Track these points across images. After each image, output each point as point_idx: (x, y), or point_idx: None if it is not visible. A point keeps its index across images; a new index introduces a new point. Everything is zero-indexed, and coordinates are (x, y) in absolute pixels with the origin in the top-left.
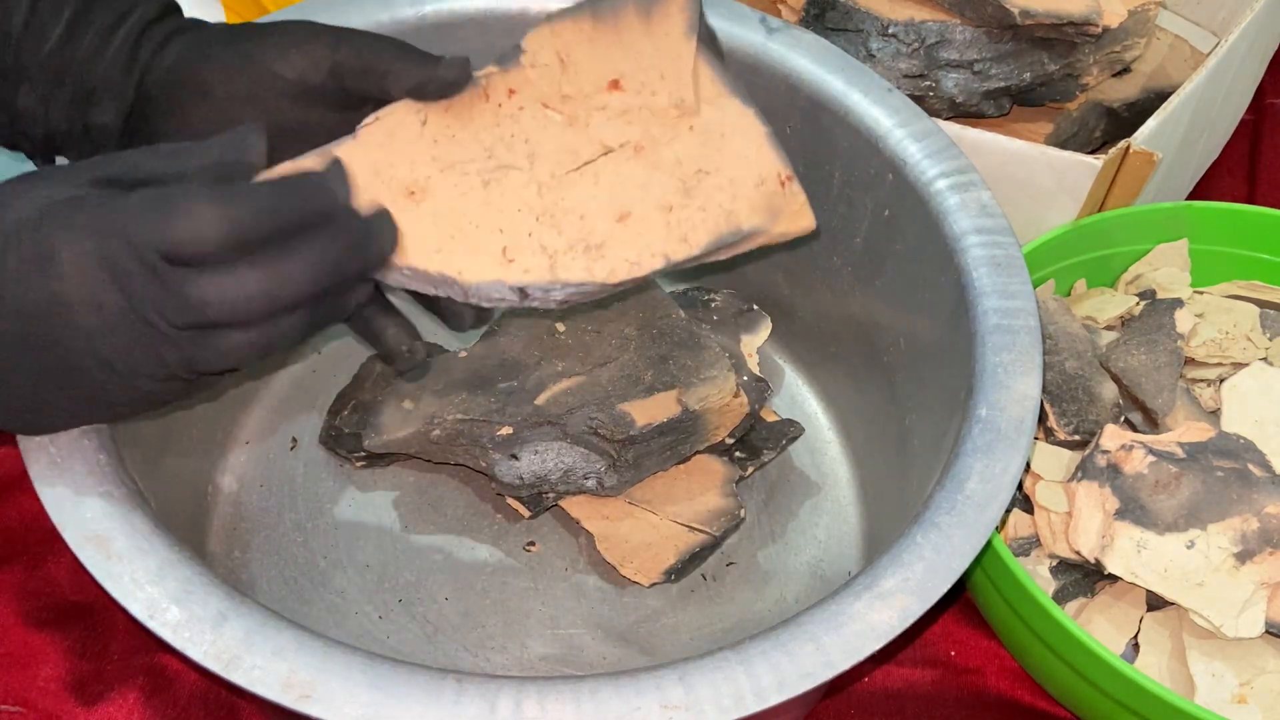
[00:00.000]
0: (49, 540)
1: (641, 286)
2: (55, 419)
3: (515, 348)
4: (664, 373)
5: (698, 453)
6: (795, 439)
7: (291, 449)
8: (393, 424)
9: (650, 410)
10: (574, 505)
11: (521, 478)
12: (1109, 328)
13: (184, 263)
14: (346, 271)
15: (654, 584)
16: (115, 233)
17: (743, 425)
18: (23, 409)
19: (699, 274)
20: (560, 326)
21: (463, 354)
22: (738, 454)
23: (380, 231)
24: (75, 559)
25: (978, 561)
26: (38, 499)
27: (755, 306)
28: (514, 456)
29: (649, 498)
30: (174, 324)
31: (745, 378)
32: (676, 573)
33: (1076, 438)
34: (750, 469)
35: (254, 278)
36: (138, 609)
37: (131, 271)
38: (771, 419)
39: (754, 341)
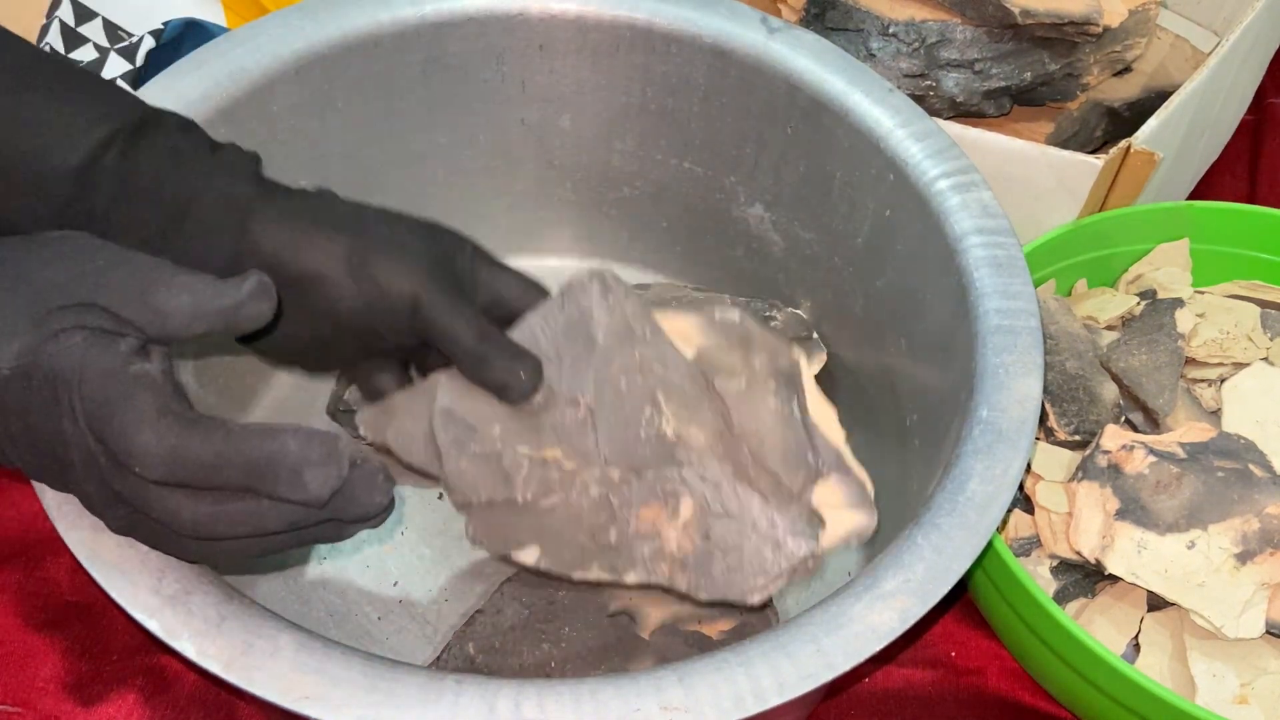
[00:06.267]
0: (49, 540)
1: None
2: None
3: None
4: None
5: None
6: None
7: None
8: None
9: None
10: None
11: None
12: (1110, 328)
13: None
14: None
15: None
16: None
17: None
18: None
19: (761, 291)
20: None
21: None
22: None
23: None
24: (75, 559)
25: (978, 562)
26: (37, 499)
27: (815, 335)
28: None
29: None
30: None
31: None
32: None
33: (1077, 438)
34: None
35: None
36: (137, 609)
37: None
38: None
39: None
